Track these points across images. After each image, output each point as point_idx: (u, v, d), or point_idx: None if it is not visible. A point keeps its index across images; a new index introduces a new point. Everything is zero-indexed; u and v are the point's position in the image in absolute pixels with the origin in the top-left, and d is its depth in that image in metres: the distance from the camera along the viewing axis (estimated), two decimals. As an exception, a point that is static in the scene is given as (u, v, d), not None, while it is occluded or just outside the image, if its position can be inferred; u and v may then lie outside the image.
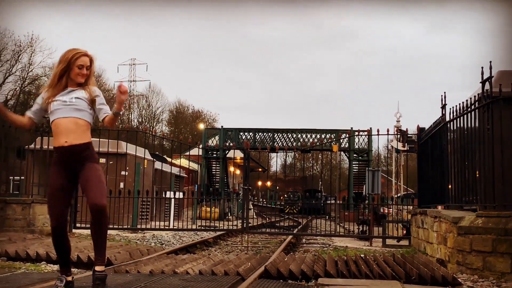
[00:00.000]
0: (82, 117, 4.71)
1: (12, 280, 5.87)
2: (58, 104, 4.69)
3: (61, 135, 4.64)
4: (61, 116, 4.67)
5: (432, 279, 6.31)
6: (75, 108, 4.69)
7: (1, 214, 11.21)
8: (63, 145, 4.62)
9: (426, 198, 11.76)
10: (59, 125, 4.67)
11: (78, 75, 4.77)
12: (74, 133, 4.64)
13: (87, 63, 4.80)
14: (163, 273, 6.48)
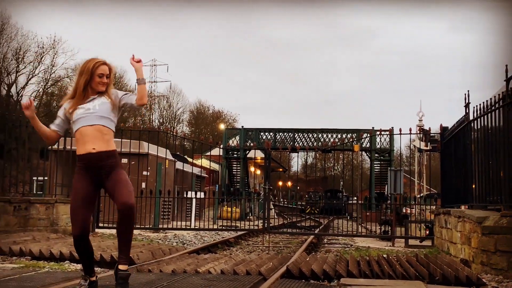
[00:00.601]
0: (106, 125, 4.74)
1: (37, 279, 5.93)
2: (81, 113, 4.73)
3: (88, 143, 4.65)
4: (86, 124, 4.70)
5: (456, 280, 6.24)
6: (99, 116, 4.73)
7: (25, 214, 11.34)
8: (91, 151, 4.63)
9: (449, 198, 11.63)
10: (84, 133, 4.69)
11: (99, 84, 4.84)
12: (100, 140, 4.67)
13: (107, 72, 4.87)
14: (185, 273, 6.50)
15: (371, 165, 42.15)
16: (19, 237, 9.96)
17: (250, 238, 17.40)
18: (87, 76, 4.81)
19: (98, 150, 4.64)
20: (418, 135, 20.11)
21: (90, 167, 4.67)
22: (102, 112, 4.75)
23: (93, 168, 4.67)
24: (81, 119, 4.72)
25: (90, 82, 4.82)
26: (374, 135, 36.66)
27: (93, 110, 4.73)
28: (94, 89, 4.84)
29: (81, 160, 4.70)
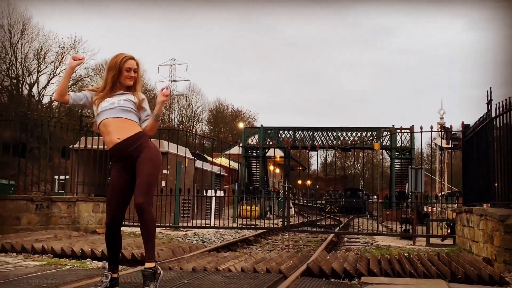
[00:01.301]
0: (129, 118, 4.76)
1: (58, 276, 5.98)
2: (106, 106, 4.77)
3: (112, 133, 4.69)
4: (109, 116, 4.73)
5: (478, 278, 6.17)
6: (123, 109, 4.76)
7: (47, 212, 11.46)
8: (117, 141, 4.67)
9: (471, 196, 11.50)
10: (108, 125, 4.72)
11: (127, 78, 4.85)
12: (124, 129, 4.70)
13: (134, 66, 4.88)
14: (206, 270, 6.50)
15: (391, 163, 41.88)
16: (41, 235, 10.07)
17: (270, 237, 17.38)
18: (115, 71, 4.83)
19: (123, 138, 4.67)
20: (439, 133, 19.94)
21: (121, 158, 4.71)
22: (127, 106, 4.78)
23: (124, 157, 4.70)
24: (105, 111, 4.75)
25: (118, 77, 4.84)
26: (395, 133, 36.40)
27: (117, 104, 4.76)
28: (122, 84, 4.86)
29: (112, 153, 4.76)
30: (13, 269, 6.71)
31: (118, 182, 4.72)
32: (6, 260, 7.61)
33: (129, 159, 4.69)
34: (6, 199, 11.02)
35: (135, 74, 4.89)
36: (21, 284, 5.37)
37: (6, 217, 10.84)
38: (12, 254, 8.24)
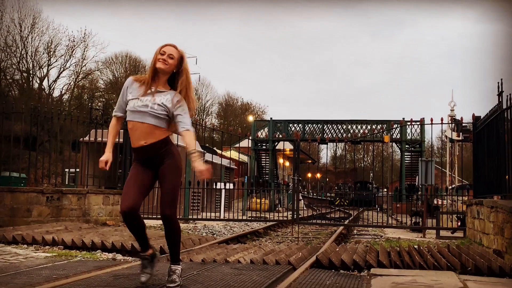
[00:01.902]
0: (159, 125, 4.60)
1: (69, 267, 6.02)
2: (138, 106, 4.59)
3: (139, 138, 4.60)
4: (139, 120, 4.58)
5: (488, 270, 6.15)
6: (154, 114, 4.58)
7: (57, 204, 11.53)
8: (142, 145, 4.60)
9: (482, 189, 11.44)
10: (136, 129, 4.61)
11: (159, 61, 4.61)
12: (151, 135, 4.58)
13: (170, 51, 4.64)
14: (215, 262, 6.53)
15: (401, 156, 41.73)
16: (51, 227, 10.14)
17: (279, 229, 17.40)
18: (152, 62, 4.67)
19: (149, 143, 4.59)
20: (449, 125, 19.81)
21: (144, 159, 4.67)
22: (159, 113, 4.58)
23: (147, 159, 4.66)
24: (135, 113, 4.60)
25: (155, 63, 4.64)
26: (405, 125, 36.25)
27: (150, 108, 4.57)
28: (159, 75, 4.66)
29: (135, 152, 4.71)
30: (24, 260, 6.76)
31: (138, 176, 4.66)
32: (17, 251, 7.68)
33: (152, 161, 4.67)
34: (17, 192, 11.11)
35: (170, 60, 4.63)
36: (32, 275, 5.41)
37: (17, 209, 10.92)
38: (23, 246, 8.30)
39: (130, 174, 4.73)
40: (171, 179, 4.64)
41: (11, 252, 7.58)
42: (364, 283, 5.49)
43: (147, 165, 4.69)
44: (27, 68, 45.02)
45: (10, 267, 5.99)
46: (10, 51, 43.85)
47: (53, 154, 15.18)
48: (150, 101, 4.59)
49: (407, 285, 5.31)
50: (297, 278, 5.45)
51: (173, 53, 4.65)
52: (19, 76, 45.43)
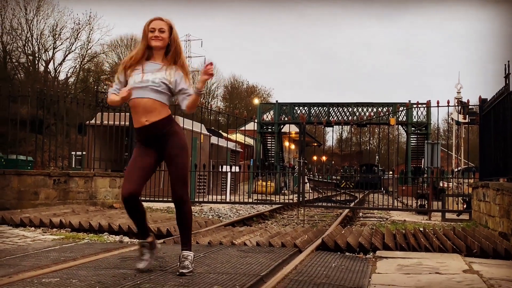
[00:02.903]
0: (160, 100, 4.55)
1: (77, 249, 6.07)
2: (138, 82, 4.54)
3: (141, 115, 4.53)
4: (139, 96, 4.52)
5: (494, 253, 6.16)
6: (154, 89, 4.53)
7: (64, 187, 11.60)
8: (144, 124, 4.52)
9: (488, 171, 11.43)
10: (137, 106, 4.55)
11: (152, 40, 4.58)
12: (153, 111, 4.52)
13: (160, 26, 4.59)
14: (221, 244, 6.56)
15: (407, 139, 41.67)
16: (59, 209, 10.20)
17: (285, 212, 17.46)
18: (145, 39, 4.62)
19: (151, 121, 4.52)
20: (456, 108, 19.73)
21: (147, 139, 4.60)
22: (159, 87, 4.54)
23: (150, 139, 4.59)
24: (135, 89, 4.53)
25: (149, 43, 4.61)
26: (411, 108, 36.14)
27: (151, 83, 4.52)
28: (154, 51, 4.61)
29: (138, 133, 4.63)
30: (32, 242, 6.82)
31: (141, 160, 4.59)
32: (25, 234, 7.74)
33: (156, 142, 4.60)
34: (24, 175, 11.17)
35: (162, 34, 4.59)
36: (40, 257, 5.46)
37: (25, 192, 10.99)
38: (30, 228, 8.37)
39: (132, 157, 4.67)
40: (180, 161, 4.58)
41: (19, 234, 7.64)
42: (369, 265, 5.51)
43: (151, 146, 4.61)
44: (32, 51, 45.03)
45: (18, 250, 6.05)
46: (16, 34, 43.85)
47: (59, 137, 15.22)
48: (150, 76, 4.55)
49: (413, 268, 5.34)
50: (303, 260, 5.48)
51: (162, 26, 4.61)
52: (24, 59, 45.46)
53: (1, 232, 7.77)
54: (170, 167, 4.61)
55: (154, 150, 4.63)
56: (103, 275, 4.40)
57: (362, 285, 4.45)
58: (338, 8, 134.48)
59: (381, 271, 5.16)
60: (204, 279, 4.27)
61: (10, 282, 4.06)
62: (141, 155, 4.61)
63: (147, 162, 4.60)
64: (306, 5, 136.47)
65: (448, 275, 4.96)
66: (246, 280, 4.27)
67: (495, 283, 4.60)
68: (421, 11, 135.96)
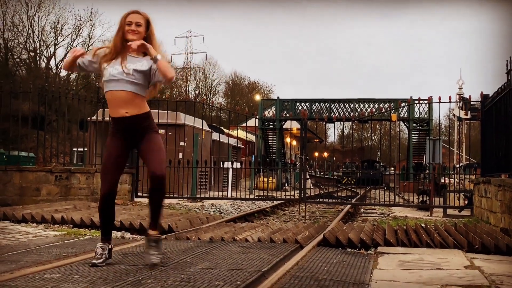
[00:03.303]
0: (137, 92, 4.56)
1: (78, 245, 6.08)
2: (114, 74, 4.53)
3: (120, 107, 4.54)
4: (117, 88, 4.53)
5: (495, 248, 6.16)
6: (131, 81, 4.54)
7: (66, 183, 11.61)
8: (124, 115, 4.54)
9: (489, 167, 11.42)
10: (115, 97, 4.55)
11: (128, 33, 4.58)
12: (131, 104, 4.54)
13: (136, 19, 4.60)
14: (223, 240, 6.57)
15: (409, 134, 41.65)
16: (60, 205, 10.22)
17: (287, 208, 17.46)
18: (121, 31, 4.60)
19: (132, 114, 4.55)
20: (457, 104, 19.72)
21: (124, 130, 4.62)
22: (136, 78, 4.55)
23: (128, 130, 4.62)
24: (112, 81, 4.54)
25: (124, 36, 4.60)
26: (413, 104, 36.09)
27: (126, 75, 4.52)
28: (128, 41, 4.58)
29: (116, 123, 4.64)
30: (34, 238, 6.83)
31: (116, 151, 4.64)
32: (27, 230, 7.75)
33: (132, 133, 4.63)
34: (26, 171, 11.19)
35: (138, 28, 4.59)
36: (42, 253, 5.47)
37: (26, 188, 11.01)
38: (32, 224, 8.38)
39: (108, 151, 4.67)
40: (157, 147, 4.62)
41: (20, 230, 7.66)
42: (371, 261, 5.51)
43: (126, 137, 4.64)
44: (34, 48, 44.98)
45: (20, 245, 6.06)
46: (17, 31, 43.80)
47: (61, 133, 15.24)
48: (126, 68, 4.54)
49: (414, 263, 5.34)
50: (304, 256, 5.49)
51: (139, 20, 4.62)
52: (26, 56, 45.43)
53: (3, 228, 7.79)
54: (147, 153, 4.61)
55: (129, 142, 4.68)
56: (104, 270, 4.41)
57: (363, 280, 4.46)
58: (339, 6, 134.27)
59: (383, 267, 5.16)
60: (206, 275, 4.28)
61: (12, 278, 4.06)
62: (117, 146, 4.66)
63: (122, 153, 4.68)
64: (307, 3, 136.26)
65: (449, 271, 4.96)
66: (248, 276, 4.27)
67: (496, 279, 4.60)
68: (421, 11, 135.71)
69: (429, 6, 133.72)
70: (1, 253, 5.45)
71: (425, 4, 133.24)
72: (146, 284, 3.91)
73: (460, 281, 4.48)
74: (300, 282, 4.22)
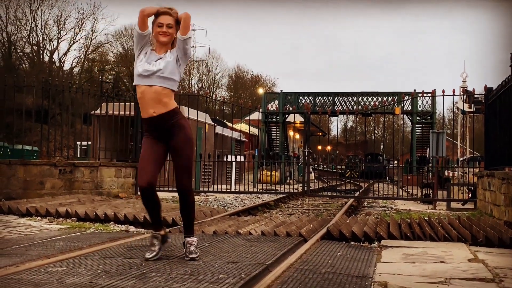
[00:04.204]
0: (168, 86, 4.63)
1: (83, 239, 6.10)
2: (145, 70, 4.60)
3: (148, 106, 4.61)
4: (146, 84, 4.60)
5: (499, 241, 6.16)
6: (162, 77, 4.59)
7: (70, 177, 11.63)
8: (152, 115, 4.61)
9: (493, 160, 11.41)
10: (144, 94, 4.61)
11: (159, 35, 4.66)
12: (159, 103, 4.59)
13: (167, 21, 4.65)
14: (227, 234, 6.58)
15: (412, 128, 41.56)
16: (64, 199, 10.25)
17: (290, 201, 17.48)
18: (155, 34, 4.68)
19: (158, 113, 4.61)
20: (461, 97, 19.67)
21: (155, 129, 4.69)
22: (166, 73, 4.61)
23: (157, 129, 4.68)
24: (142, 77, 4.61)
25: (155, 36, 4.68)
26: (416, 97, 36.00)
27: (156, 70, 4.58)
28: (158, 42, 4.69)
29: (145, 123, 4.73)
30: (38, 232, 6.86)
31: (152, 149, 4.69)
32: (32, 223, 7.78)
33: (162, 132, 4.69)
34: (30, 165, 11.21)
35: (169, 29, 4.65)
36: (46, 246, 5.49)
37: (31, 182, 11.04)
38: (37, 218, 8.41)
39: (144, 147, 4.75)
40: (185, 153, 4.70)
41: (25, 224, 7.68)
42: (375, 254, 5.52)
43: (158, 136, 4.71)
44: (37, 41, 45.02)
45: (25, 239, 6.08)
46: (20, 24, 43.82)
47: (64, 127, 15.26)
48: (157, 65, 4.61)
49: (418, 257, 5.35)
50: (308, 249, 5.50)
51: (170, 21, 4.66)
52: (29, 50, 45.47)
53: (8, 222, 7.82)
54: (175, 159, 4.73)
55: (162, 140, 4.72)
56: (109, 264, 4.43)
57: (367, 274, 4.47)
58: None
59: (386, 260, 5.17)
60: (210, 268, 4.29)
61: (17, 271, 4.09)
62: (152, 146, 4.70)
63: (158, 152, 4.71)
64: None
65: (453, 264, 4.97)
66: (252, 269, 4.28)
67: (500, 272, 4.60)
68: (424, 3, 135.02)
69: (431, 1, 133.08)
70: (6, 246, 5.48)
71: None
72: (150, 277, 3.93)
73: (464, 274, 4.49)
74: (304, 275, 4.23)
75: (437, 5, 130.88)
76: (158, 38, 4.66)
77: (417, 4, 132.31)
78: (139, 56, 4.72)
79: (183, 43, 4.68)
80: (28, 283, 3.69)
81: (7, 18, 42.85)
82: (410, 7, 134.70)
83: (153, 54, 4.69)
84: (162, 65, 4.61)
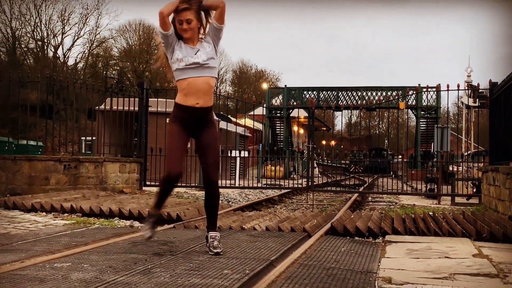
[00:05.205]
0: (214, 75, 4.73)
1: (87, 234, 6.12)
2: (189, 64, 4.62)
3: (194, 96, 4.63)
4: (196, 75, 4.62)
5: (504, 237, 6.15)
6: (208, 67, 4.66)
7: (74, 172, 11.66)
8: (195, 106, 4.63)
9: (498, 155, 11.38)
10: (193, 86, 4.62)
11: (182, 31, 4.66)
12: (207, 95, 4.66)
13: (186, 17, 4.61)
14: (231, 229, 6.59)
15: (417, 123, 41.48)
16: (69, 194, 10.27)
17: (294, 196, 17.49)
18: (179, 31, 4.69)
19: (202, 106, 4.66)
20: (466, 91, 19.61)
21: (188, 119, 4.72)
22: (211, 63, 4.67)
23: (191, 120, 4.72)
24: (188, 69, 4.62)
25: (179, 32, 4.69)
26: (421, 92, 35.91)
27: (202, 62, 4.63)
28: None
29: (181, 110, 4.71)
30: (43, 227, 6.88)
31: (182, 140, 4.78)
32: (36, 219, 7.81)
33: (195, 124, 4.74)
34: (34, 160, 11.23)
35: (190, 25, 4.63)
36: (52, 242, 5.51)
37: (35, 178, 11.07)
38: (41, 213, 8.44)
39: (175, 134, 4.76)
40: (216, 149, 4.87)
41: (30, 219, 7.71)
42: (379, 249, 5.53)
43: (189, 127, 4.76)
44: (41, 37, 45.07)
45: (30, 234, 6.11)
46: (24, 20, 43.87)
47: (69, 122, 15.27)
48: (200, 59, 4.65)
49: (422, 252, 5.35)
50: (312, 244, 5.50)
51: (189, 16, 4.62)
52: (33, 45, 45.53)
53: (13, 217, 7.85)
54: (206, 153, 4.81)
55: (190, 131, 4.79)
56: (114, 259, 4.44)
57: (371, 269, 4.47)
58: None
59: (391, 256, 5.18)
60: (214, 264, 4.30)
61: (23, 267, 4.10)
62: (182, 135, 4.77)
63: (186, 142, 4.85)
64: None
65: (457, 259, 4.97)
66: (256, 264, 4.29)
67: (504, 267, 4.60)
68: None
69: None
70: (11, 242, 5.50)
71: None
72: (155, 272, 3.94)
73: (468, 270, 4.49)
74: (308, 270, 4.24)
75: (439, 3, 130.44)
76: (182, 35, 4.68)
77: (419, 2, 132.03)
78: (174, 52, 4.69)
79: (219, 31, 4.72)
80: (34, 279, 3.71)
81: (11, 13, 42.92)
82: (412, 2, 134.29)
83: (189, 47, 4.68)
84: (205, 56, 4.65)
